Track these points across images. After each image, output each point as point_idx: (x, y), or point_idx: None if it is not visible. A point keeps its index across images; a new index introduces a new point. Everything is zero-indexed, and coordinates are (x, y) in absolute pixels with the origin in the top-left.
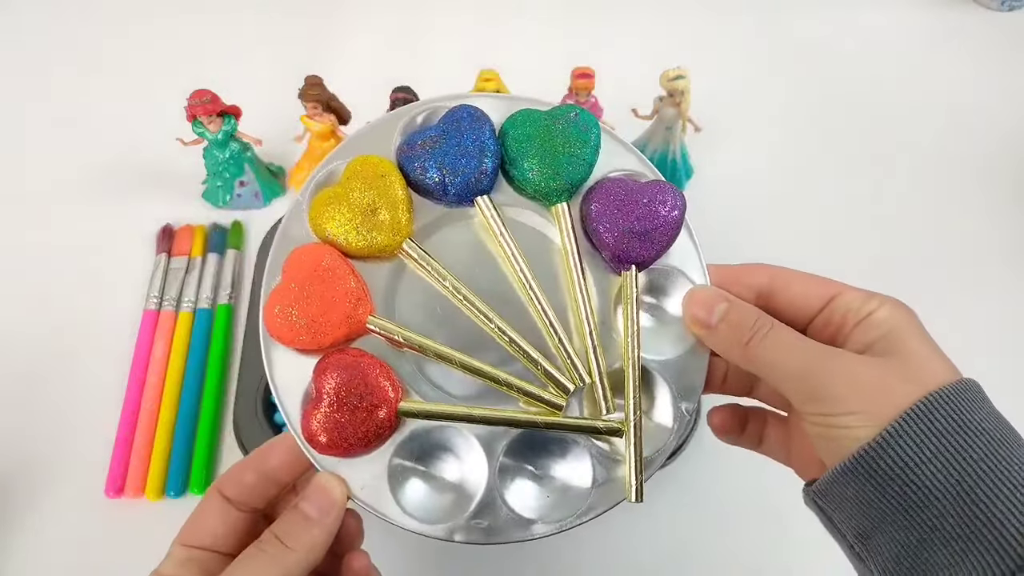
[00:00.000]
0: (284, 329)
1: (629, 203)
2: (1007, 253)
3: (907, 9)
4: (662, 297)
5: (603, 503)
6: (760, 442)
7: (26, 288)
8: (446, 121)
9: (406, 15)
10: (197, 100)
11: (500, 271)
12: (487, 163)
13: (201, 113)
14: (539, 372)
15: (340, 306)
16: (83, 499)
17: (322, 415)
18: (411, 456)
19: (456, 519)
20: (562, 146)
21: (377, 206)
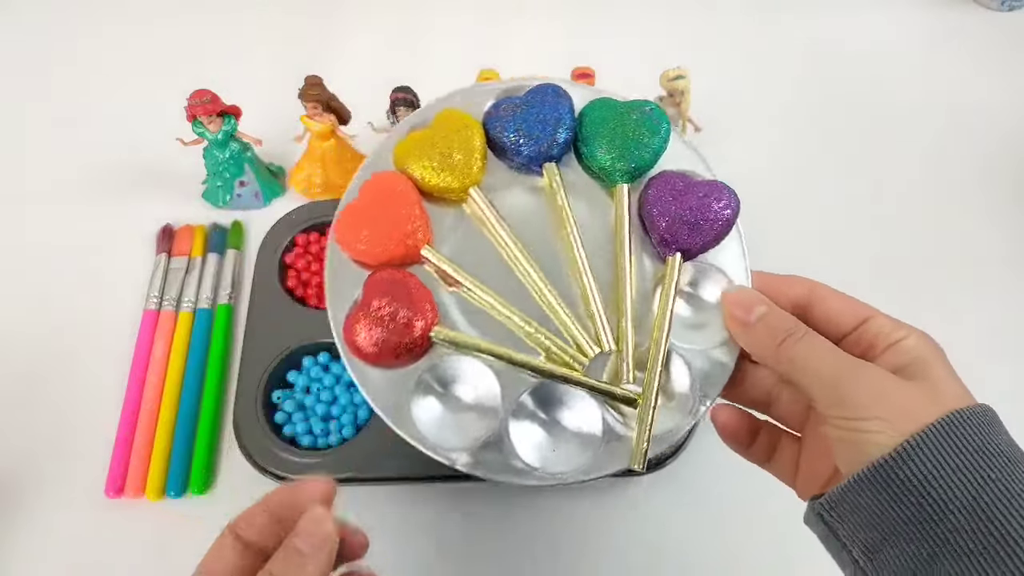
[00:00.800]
0: (348, 234)
1: (686, 194)
2: (1007, 253)
3: (907, 9)
4: (701, 292)
5: (605, 467)
6: (769, 459)
7: (26, 288)
8: (532, 93)
9: (406, 15)
10: (197, 100)
11: (550, 236)
12: (561, 134)
13: (201, 113)
14: (568, 331)
15: (401, 227)
16: (83, 499)
17: (364, 319)
18: (433, 381)
19: (463, 449)
20: (633, 133)
21: (454, 151)
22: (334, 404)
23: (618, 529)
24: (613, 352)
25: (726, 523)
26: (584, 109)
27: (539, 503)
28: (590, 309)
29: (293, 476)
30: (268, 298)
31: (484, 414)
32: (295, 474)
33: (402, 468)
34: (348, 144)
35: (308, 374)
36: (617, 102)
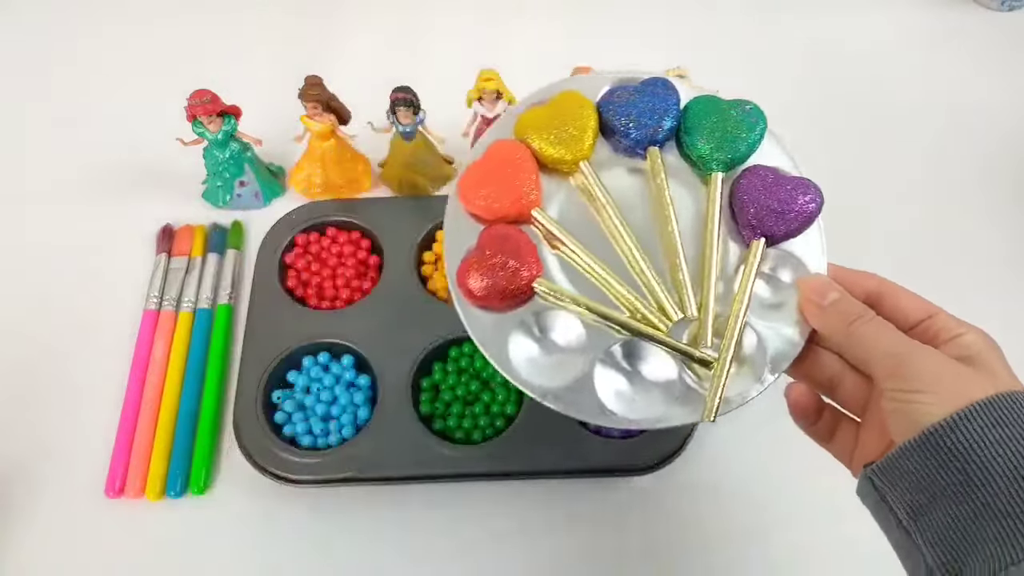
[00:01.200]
0: (470, 191)
1: (775, 186)
2: (1007, 253)
3: (907, 9)
4: (780, 276)
5: (676, 420)
6: (830, 439)
7: (26, 288)
8: (644, 84)
9: (406, 15)
10: (197, 100)
11: (646, 212)
12: (667, 123)
13: (201, 113)
14: (655, 296)
15: (517, 189)
16: (83, 499)
17: (477, 265)
18: (533, 326)
19: (549, 389)
20: (732, 128)
21: (569, 127)
22: (334, 404)
23: (618, 528)
24: (695, 319)
25: (726, 523)
26: (689, 103)
27: (539, 503)
28: (677, 278)
29: (293, 476)
30: (268, 298)
31: (572, 361)
32: (295, 474)
33: (402, 468)
34: (348, 144)
35: (308, 374)
36: (720, 100)
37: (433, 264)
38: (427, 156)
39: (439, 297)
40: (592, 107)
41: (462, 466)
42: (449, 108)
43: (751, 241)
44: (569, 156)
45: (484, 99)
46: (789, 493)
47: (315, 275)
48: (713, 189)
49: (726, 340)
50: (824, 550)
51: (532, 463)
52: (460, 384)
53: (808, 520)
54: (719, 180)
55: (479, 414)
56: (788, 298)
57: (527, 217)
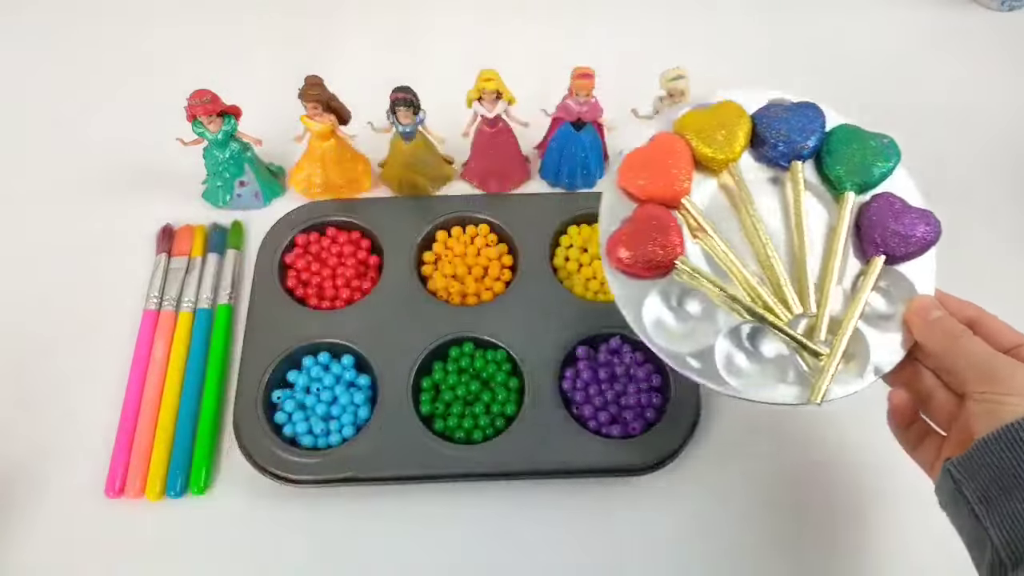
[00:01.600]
0: (631, 172)
1: (901, 213)
2: (1007, 253)
3: (907, 9)
4: (892, 291)
5: (784, 399)
6: (916, 447)
7: (26, 288)
8: (797, 105)
9: (406, 15)
10: (197, 100)
11: (779, 216)
12: (812, 141)
13: (201, 113)
14: (780, 290)
15: (672, 176)
16: (83, 499)
17: (628, 235)
18: (671, 295)
19: (674, 353)
20: (870, 156)
21: (724, 130)
22: (334, 404)
23: (618, 528)
24: (812, 315)
25: (724, 522)
26: (835, 128)
27: (539, 502)
28: (802, 278)
29: (293, 476)
30: (268, 298)
31: (699, 332)
32: (295, 474)
33: (402, 468)
34: (348, 144)
35: (308, 374)
36: (863, 130)
37: (433, 264)
38: (427, 156)
39: (439, 297)
40: (747, 117)
41: (462, 466)
42: (449, 108)
43: (872, 257)
44: (720, 156)
45: (484, 99)
46: (788, 492)
47: (315, 275)
48: (844, 206)
49: (839, 337)
50: (823, 549)
51: (532, 463)
52: (460, 384)
53: (807, 519)
54: (851, 199)
55: (479, 414)
56: (897, 312)
57: (676, 203)
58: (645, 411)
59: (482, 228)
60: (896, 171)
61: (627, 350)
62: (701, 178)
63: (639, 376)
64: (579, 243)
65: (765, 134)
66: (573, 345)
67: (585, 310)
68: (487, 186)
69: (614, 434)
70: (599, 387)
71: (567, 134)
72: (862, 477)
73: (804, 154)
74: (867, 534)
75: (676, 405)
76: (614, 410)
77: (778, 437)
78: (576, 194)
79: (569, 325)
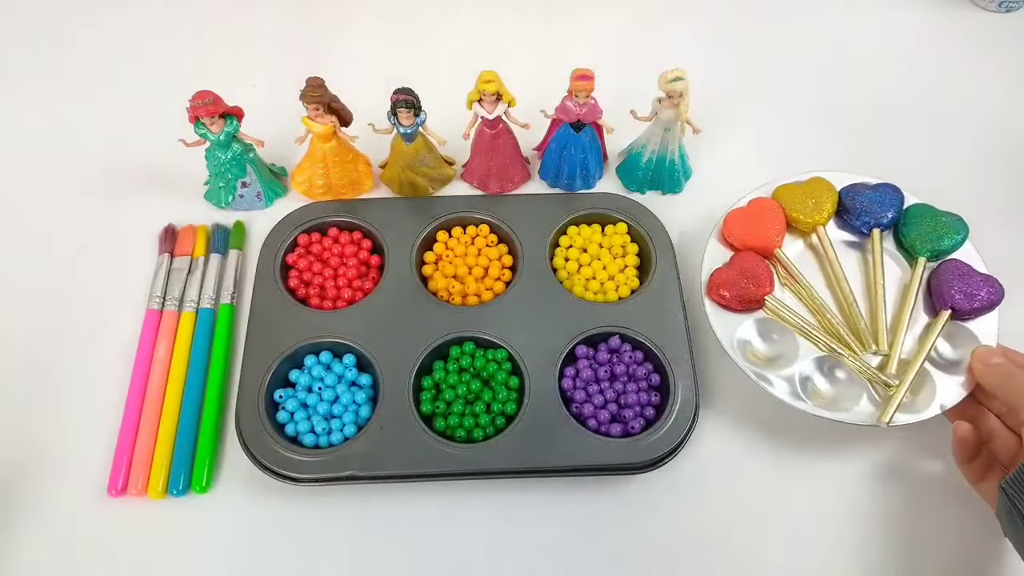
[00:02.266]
0: (735, 226)
1: (969, 276)
2: (1006, 253)
3: (906, 10)
4: (956, 341)
5: (858, 419)
6: (979, 480)
7: (29, 288)
8: (879, 185)
9: (407, 16)
10: (199, 101)
11: (858, 274)
12: (890, 214)
13: (203, 114)
14: (856, 332)
15: (768, 232)
16: (86, 498)
17: (726, 274)
18: (763, 328)
19: (761, 374)
20: (941, 229)
21: (814, 199)
22: (336, 403)
23: (617, 526)
24: (884, 353)
25: (723, 521)
26: (911, 206)
27: (539, 501)
28: (876, 323)
29: (295, 475)
30: (270, 298)
31: (784, 358)
32: (297, 473)
33: (403, 466)
34: (350, 145)
35: (310, 373)
36: (935, 208)
37: (434, 264)
38: (428, 157)
39: (440, 297)
40: (835, 191)
41: (463, 465)
42: (449, 110)
43: (940, 311)
44: (810, 220)
45: (484, 101)
46: (787, 492)
47: (317, 275)
48: (918, 268)
49: (908, 371)
50: (823, 548)
51: (532, 462)
52: (461, 383)
53: (805, 518)
54: (923, 263)
55: (480, 413)
56: (963, 359)
57: (771, 254)
58: (645, 410)
59: (482, 228)
60: (965, 243)
61: (627, 349)
62: (791, 239)
63: (639, 375)
64: (579, 243)
65: (850, 205)
66: (573, 344)
67: (585, 310)
68: (487, 187)
69: (614, 433)
70: (599, 386)
71: (567, 135)
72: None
73: (883, 223)
74: (866, 533)
75: (675, 404)
76: (614, 409)
77: (778, 437)
78: (576, 195)
79: (569, 324)
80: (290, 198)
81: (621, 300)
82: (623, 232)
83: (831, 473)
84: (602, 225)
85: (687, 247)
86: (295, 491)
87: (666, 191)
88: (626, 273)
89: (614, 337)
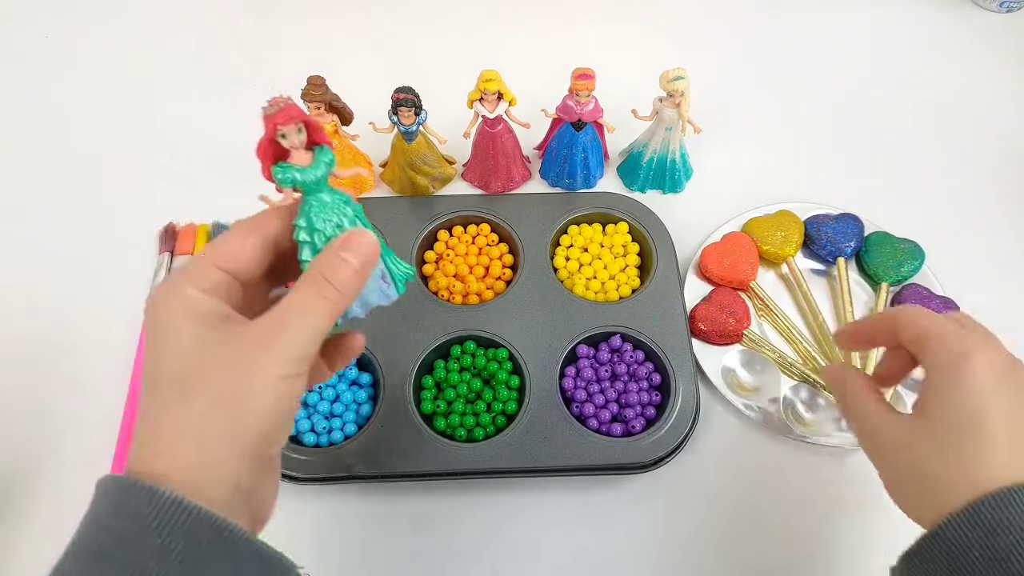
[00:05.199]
0: (709, 261)
1: (928, 299)
2: (1008, 253)
3: (906, 9)
4: None
5: (841, 444)
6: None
7: (30, 287)
8: (841, 215)
9: (407, 16)
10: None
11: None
12: (853, 243)
13: (283, 121)
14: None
15: (743, 266)
16: (86, 497)
17: (706, 310)
18: (743, 359)
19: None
20: (900, 256)
21: (782, 232)
22: (336, 402)
23: (618, 525)
24: None
25: (724, 521)
26: (870, 234)
27: (540, 500)
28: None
29: (296, 474)
30: None
31: (764, 386)
32: (298, 471)
33: (404, 465)
34: (351, 144)
35: None
36: (892, 236)
37: (434, 264)
38: (429, 156)
39: (440, 296)
40: (801, 223)
41: (464, 464)
42: (450, 109)
43: None
44: (780, 253)
45: (485, 100)
46: (788, 492)
47: None
48: (882, 293)
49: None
50: (823, 545)
51: (533, 461)
52: (462, 382)
53: (806, 518)
54: (886, 288)
55: (481, 412)
56: None
57: (746, 287)
58: (646, 409)
59: (483, 228)
60: (923, 268)
61: (628, 349)
62: (763, 270)
63: (640, 375)
64: (580, 243)
65: (816, 235)
66: (574, 344)
67: (585, 309)
68: (488, 186)
69: (615, 432)
70: (600, 385)
71: (568, 134)
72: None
73: (847, 253)
74: (865, 531)
75: (676, 403)
76: (615, 408)
77: (779, 436)
78: (577, 194)
79: (570, 324)
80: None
81: (622, 300)
82: (624, 232)
83: (831, 473)
84: (603, 224)
85: (688, 247)
86: (295, 490)
87: (667, 191)
88: (627, 272)
89: (615, 336)
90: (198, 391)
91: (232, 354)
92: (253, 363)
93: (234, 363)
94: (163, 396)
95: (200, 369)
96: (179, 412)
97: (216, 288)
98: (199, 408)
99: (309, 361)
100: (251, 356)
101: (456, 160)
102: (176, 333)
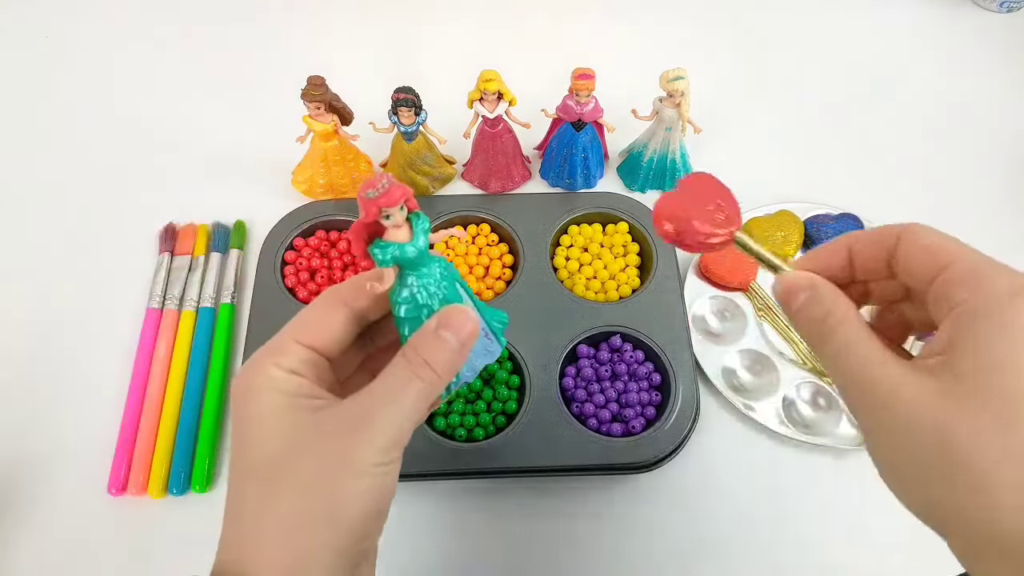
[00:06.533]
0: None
1: None
2: (1007, 253)
3: (907, 10)
4: None
5: (840, 444)
6: None
7: (29, 286)
8: (840, 215)
9: (408, 16)
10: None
11: None
12: None
13: (385, 204)
14: None
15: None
16: (86, 497)
17: (678, 198)
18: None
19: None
20: None
21: (782, 231)
22: None
23: (618, 524)
24: None
25: (724, 520)
26: None
27: (540, 500)
28: None
29: None
30: (270, 297)
31: (764, 386)
32: None
33: (403, 465)
34: (351, 144)
35: None
36: None
37: None
38: (429, 156)
39: None
40: (801, 223)
41: (464, 464)
42: (450, 109)
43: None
44: (780, 253)
45: (485, 100)
46: (788, 491)
47: (317, 274)
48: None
49: None
50: (823, 544)
51: (533, 461)
52: None
53: (806, 518)
54: None
55: (481, 412)
56: None
57: (746, 287)
58: (646, 409)
59: (483, 228)
60: None
61: (628, 348)
62: (763, 270)
63: (640, 374)
64: (580, 243)
65: (816, 234)
66: (574, 343)
67: (586, 309)
68: (488, 186)
69: (615, 432)
70: (600, 385)
71: (567, 134)
72: (860, 474)
73: None
74: (863, 529)
75: (676, 403)
76: (615, 408)
77: (779, 436)
78: (577, 194)
79: (570, 324)
80: (291, 197)
81: (622, 299)
82: (624, 231)
83: (832, 473)
84: (603, 224)
85: None
86: None
87: (667, 190)
88: (627, 272)
89: (615, 336)
90: (286, 480)
91: (321, 440)
92: (345, 450)
93: (324, 450)
94: (249, 484)
95: (288, 456)
96: (266, 502)
97: (302, 366)
98: (288, 498)
99: (403, 445)
100: (343, 443)
101: (456, 160)
102: (260, 417)
